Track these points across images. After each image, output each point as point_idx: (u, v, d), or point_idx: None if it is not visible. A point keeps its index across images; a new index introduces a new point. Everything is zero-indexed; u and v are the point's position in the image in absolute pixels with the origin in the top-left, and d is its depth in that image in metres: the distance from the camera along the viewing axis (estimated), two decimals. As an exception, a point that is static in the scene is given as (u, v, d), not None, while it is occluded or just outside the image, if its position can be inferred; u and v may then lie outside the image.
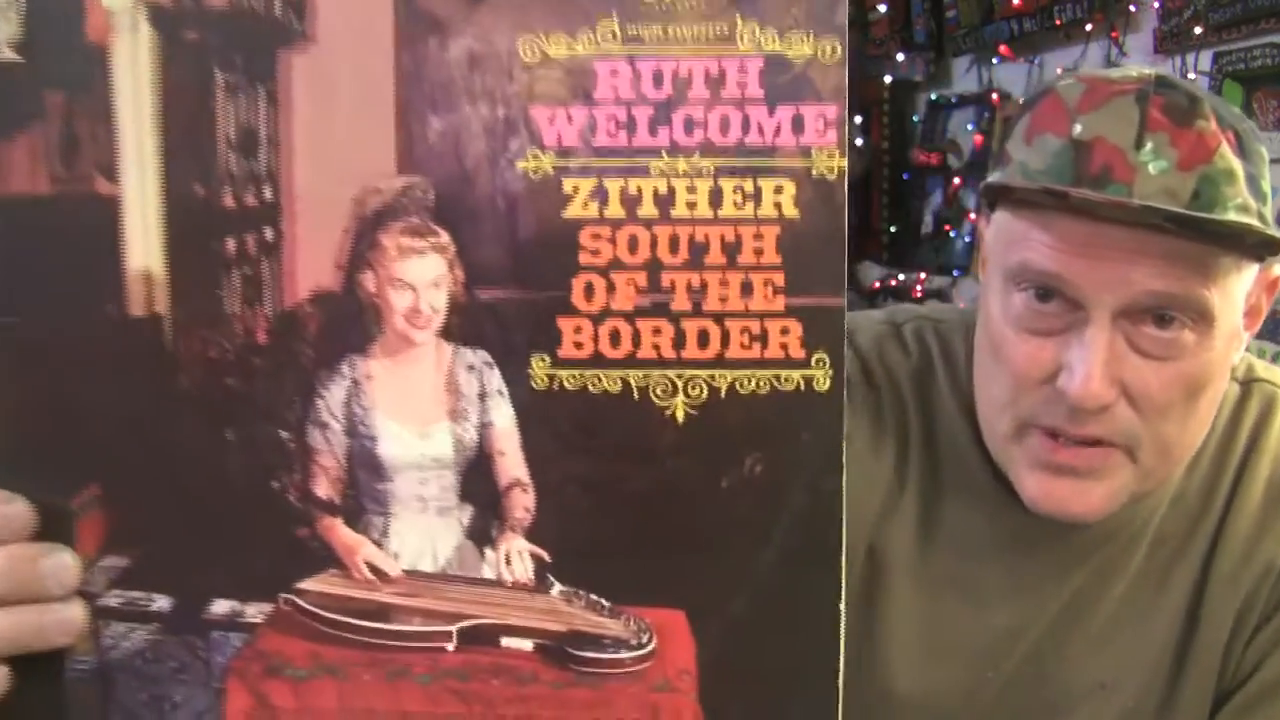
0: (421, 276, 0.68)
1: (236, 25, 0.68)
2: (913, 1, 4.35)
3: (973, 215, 3.87)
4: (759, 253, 0.66)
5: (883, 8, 4.47)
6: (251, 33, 0.68)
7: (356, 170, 0.68)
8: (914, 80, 4.26)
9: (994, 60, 3.91)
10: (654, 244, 0.67)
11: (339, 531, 0.69)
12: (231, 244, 0.69)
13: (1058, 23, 3.61)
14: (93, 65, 0.69)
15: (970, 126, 3.89)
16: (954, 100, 4.04)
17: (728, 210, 0.66)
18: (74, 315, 0.70)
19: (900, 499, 1.10)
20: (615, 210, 0.67)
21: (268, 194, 0.69)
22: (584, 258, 0.67)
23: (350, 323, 0.69)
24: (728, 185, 0.66)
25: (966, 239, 3.84)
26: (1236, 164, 0.95)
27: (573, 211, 0.67)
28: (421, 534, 0.69)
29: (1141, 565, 1.09)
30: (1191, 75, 3.01)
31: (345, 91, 0.68)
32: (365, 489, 0.69)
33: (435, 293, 0.68)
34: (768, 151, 0.66)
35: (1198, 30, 3.06)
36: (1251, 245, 0.95)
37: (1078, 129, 0.95)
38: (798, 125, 0.66)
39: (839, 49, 0.66)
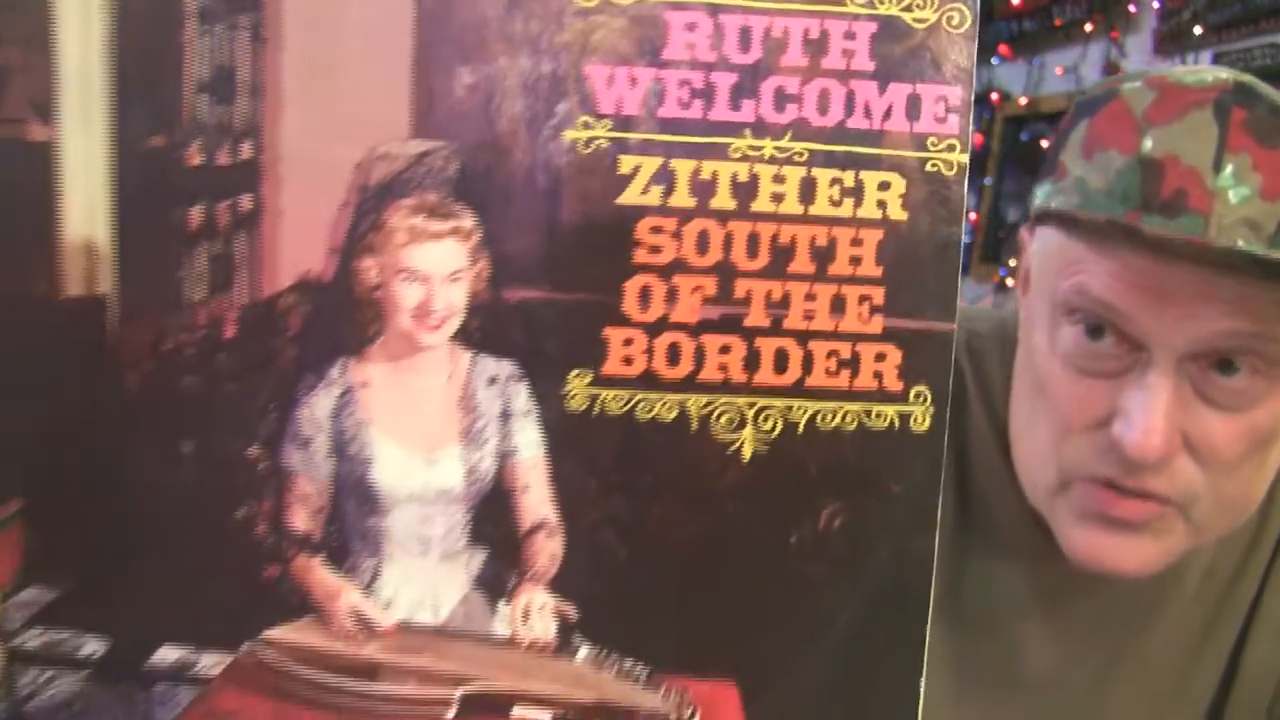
0: (436, 267, 0.59)
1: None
2: (912, 2, 4.73)
3: (973, 215, 4.12)
4: (856, 262, 0.58)
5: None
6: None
7: (361, 129, 0.59)
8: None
9: (994, 60, 4.12)
10: (728, 244, 0.58)
11: (318, 573, 0.61)
12: (197, 213, 0.60)
13: (1057, 23, 3.86)
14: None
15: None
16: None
17: (821, 207, 0.58)
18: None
19: None
20: (683, 199, 0.58)
21: (246, 151, 0.59)
22: (640, 255, 0.58)
23: (343, 319, 0.60)
24: (823, 177, 0.58)
25: (966, 238, 4.10)
26: None
27: (630, 197, 0.58)
28: (421, 581, 0.61)
29: (1187, 606, 1.04)
30: None
31: (351, 29, 0.58)
32: (353, 523, 0.60)
33: (452, 288, 0.59)
34: (875, 138, 0.58)
35: (1197, 30, 3.23)
36: None
37: (1148, 144, 0.86)
38: (913, 108, 0.58)
39: (969, 16, 0.57)
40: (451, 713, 0.61)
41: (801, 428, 0.59)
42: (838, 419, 0.59)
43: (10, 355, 0.60)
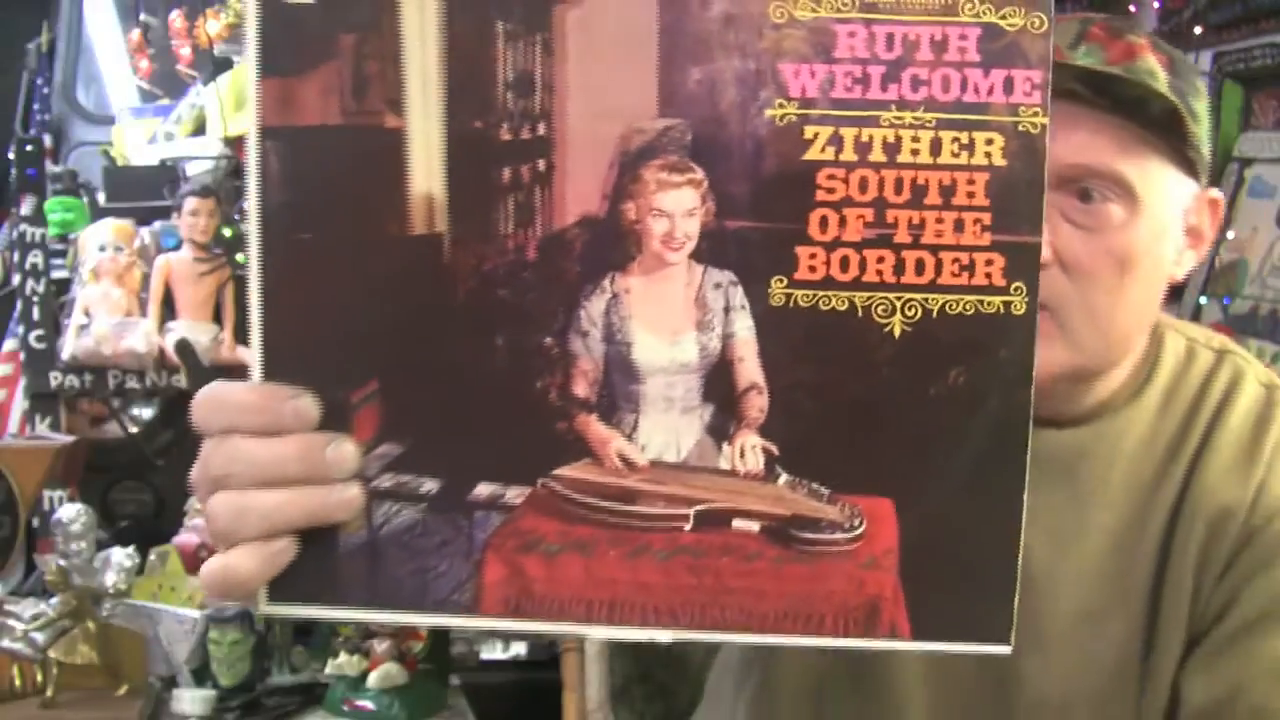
0: (677, 206, 0.84)
1: (518, -19, 0.84)
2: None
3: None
4: (970, 195, 0.83)
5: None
6: (533, -12, 0.84)
7: (622, 112, 0.83)
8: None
9: None
10: (881, 185, 0.83)
11: (594, 426, 0.86)
12: (506, 172, 0.85)
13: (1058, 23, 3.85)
14: (382, 10, 0.84)
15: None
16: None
17: (945, 158, 0.83)
18: (362, 232, 0.85)
19: None
20: (849, 155, 0.83)
21: (541, 130, 0.84)
22: (820, 195, 0.83)
23: (612, 244, 0.84)
24: (946, 136, 0.82)
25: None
26: (1161, 71, 1.18)
27: (812, 155, 0.83)
28: (667, 430, 0.86)
29: (1121, 501, 1.28)
30: None
31: (613, 42, 0.83)
32: (619, 389, 0.85)
33: (689, 221, 0.84)
34: (982, 108, 0.82)
35: (1198, 30, 3.23)
36: (1156, 115, 1.17)
37: None
38: (1008, 86, 0.82)
39: (1046, 21, 0.82)
40: (689, 526, 0.86)
41: (935, 313, 0.83)
42: (961, 306, 0.83)
43: (372, 276, 0.85)
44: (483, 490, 0.87)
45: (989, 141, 0.82)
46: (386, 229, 0.85)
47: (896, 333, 0.84)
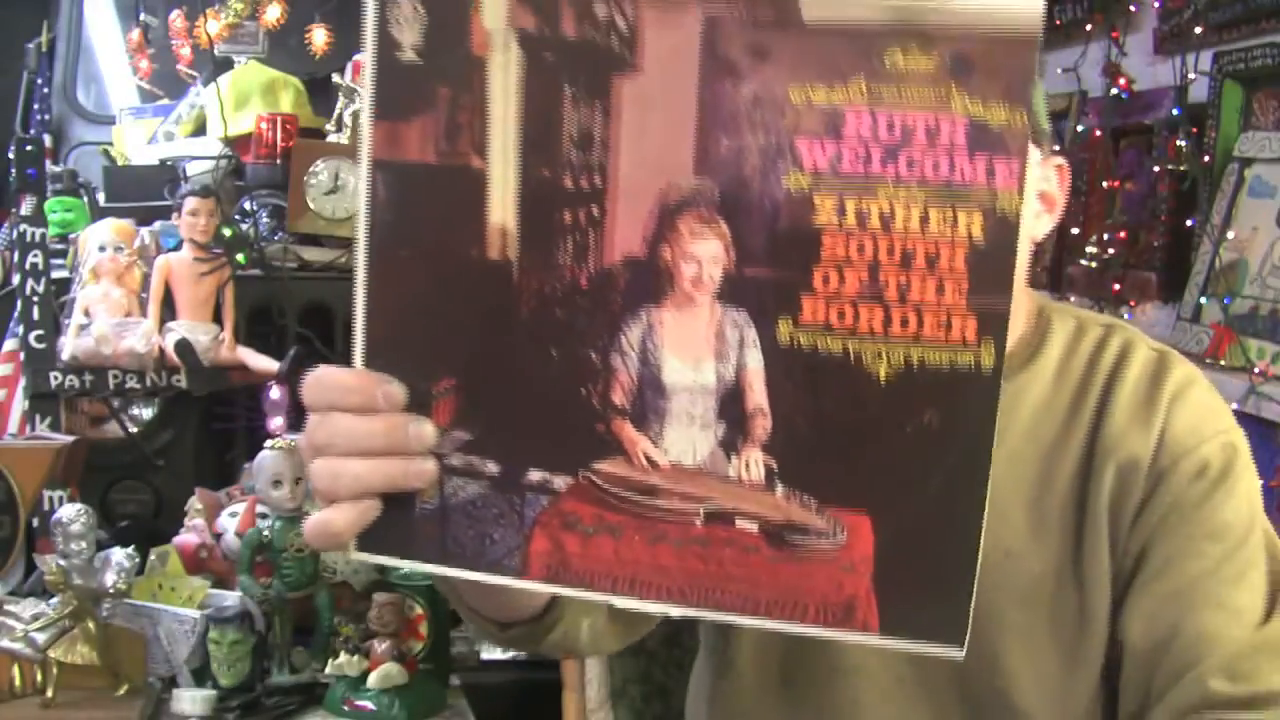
0: (706, 253, 0.99)
1: (583, 52, 1.00)
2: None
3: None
4: (952, 263, 0.96)
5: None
6: (594, 59, 1.00)
7: (663, 169, 0.99)
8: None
9: None
10: (876, 249, 0.97)
11: (626, 430, 1.03)
12: (567, 214, 1.02)
13: (1058, 23, 3.81)
14: (474, 70, 1.02)
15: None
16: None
17: (932, 229, 0.96)
18: (447, 253, 1.04)
19: None
20: (850, 221, 0.97)
21: (597, 180, 1.01)
22: (824, 253, 0.97)
23: (650, 282, 1.01)
24: (934, 211, 0.96)
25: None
26: None
27: (819, 219, 0.97)
28: (686, 439, 1.02)
29: (1024, 457, 1.45)
30: (1191, 75, 3.21)
31: (659, 110, 0.99)
32: (649, 402, 1.02)
33: (714, 266, 1.00)
34: (966, 189, 0.95)
35: (1198, 30, 3.22)
36: None
37: None
38: (990, 172, 0.95)
39: (1024, 118, 0.95)
40: (700, 521, 1.03)
41: (916, 362, 0.98)
42: (938, 357, 0.97)
43: (455, 290, 1.04)
44: (534, 475, 1.05)
45: (970, 217, 0.96)
46: (468, 252, 1.03)
47: (882, 376, 0.98)
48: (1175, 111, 3.34)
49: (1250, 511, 1.44)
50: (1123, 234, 3.49)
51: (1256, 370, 2.85)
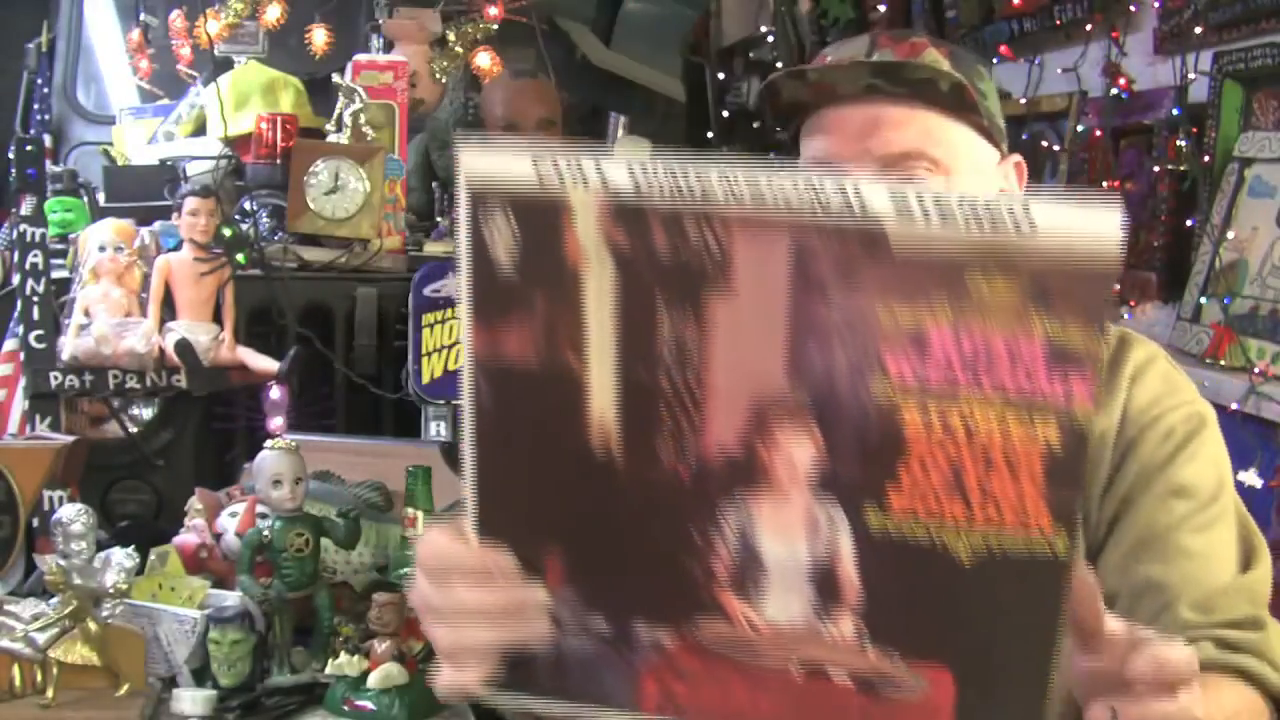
0: (798, 453, 1.08)
1: (677, 272, 1.06)
2: (913, 2, 4.64)
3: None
4: (1029, 462, 1.05)
5: (882, 7, 4.79)
6: (688, 279, 1.06)
7: (757, 376, 1.07)
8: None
9: (994, 60, 4.09)
10: (958, 451, 1.06)
11: (729, 596, 1.13)
12: (664, 412, 1.10)
13: (1058, 23, 3.82)
14: (569, 280, 1.08)
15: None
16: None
17: (1010, 436, 1.04)
18: (551, 445, 1.12)
19: None
20: (935, 426, 1.05)
21: (692, 382, 1.09)
22: (911, 453, 1.07)
23: (746, 475, 1.10)
24: (1013, 421, 1.04)
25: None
26: (943, 59, 1.55)
27: (905, 424, 1.05)
28: (783, 604, 1.13)
29: None
30: (1191, 75, 3.22)
31: (751, 325, 1.06)
32: (748, 574, 1.12)
33: (806, 464, 1.09)
34: (1044, 399, 1.03)
35: (1198, 30, 3.23)
36: (948, 92, 1.52)
37: (813, 76, 1.56)
38: (1066, 389, 1.03)
39: (1100, 340, 1.02)
40: (796, 671, 1.15)
41: (996, 549, 1.08)
42: (1016, 545, 1.07)
43: (563, 474, 1.13)
44: (643, 633, 1.16)
45: (1047, 428, 1.04)
46: (571, 443, 1.12)
47: (965, 561, 1.08)
48: (1175, 111, 3.35)
49: (1218, 477, 1.56)
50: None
51: (1256, 370, 2.90)
